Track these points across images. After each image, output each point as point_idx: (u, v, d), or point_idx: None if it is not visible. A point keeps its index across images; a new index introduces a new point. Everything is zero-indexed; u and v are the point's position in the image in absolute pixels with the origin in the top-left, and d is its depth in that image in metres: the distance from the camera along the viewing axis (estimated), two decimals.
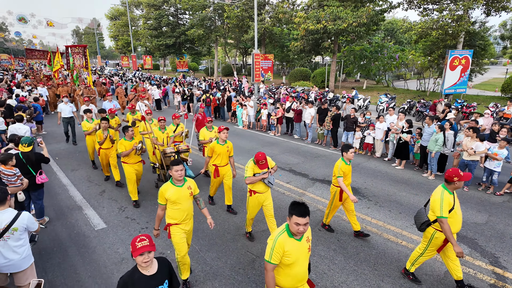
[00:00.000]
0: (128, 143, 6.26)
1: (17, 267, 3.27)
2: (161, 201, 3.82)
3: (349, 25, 21.58)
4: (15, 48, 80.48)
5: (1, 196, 3.12)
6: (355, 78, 37.43)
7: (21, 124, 7.76)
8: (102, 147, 7.30)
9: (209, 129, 7.41)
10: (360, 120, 10.50)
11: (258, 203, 4.92)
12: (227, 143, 5.94)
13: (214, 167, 5.98)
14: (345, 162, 5.01)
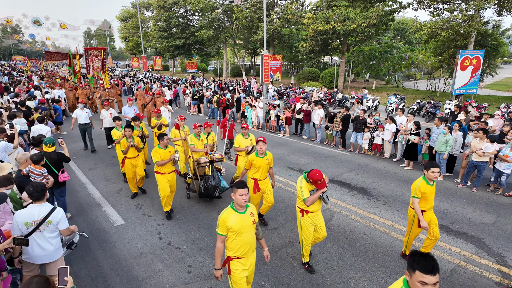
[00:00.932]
0: (163, 151, 5.86)
1: (50, 258, 3.55)
2: (222, 231, 3.26)
3: (358, 26, 21.62)
4: (29, 50, 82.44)
5: (41, 192, 3.41)
6: (364, 79, 37.31)
7: (42, 125, 8.13)
8: (127, 156, 6.73)
9: (245, 136, 6.97)
10: (369, 121, 10.61)
11: (312, 224, 4.39)
12: (267, 155, 5.41)
13: (253, 181, 5.45)
14: (426, 181, 4.42)
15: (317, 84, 27.64)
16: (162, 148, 5.90)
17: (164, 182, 5.92)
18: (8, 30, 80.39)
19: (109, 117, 10.13)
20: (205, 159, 6.47)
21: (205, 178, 6.32)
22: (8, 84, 20.55)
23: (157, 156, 5.81)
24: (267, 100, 21.25)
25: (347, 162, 9.80)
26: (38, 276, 2.29)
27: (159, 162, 5.77)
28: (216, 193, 6.36)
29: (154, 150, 5.83)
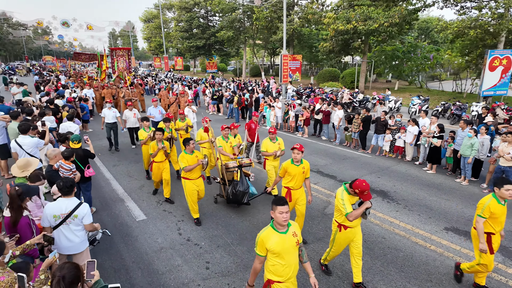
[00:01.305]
0: (189, 157, 5.64)
1: (77, 249, 3.75)
2: (261, 251, 2.98)
3: (381, 25, 21.18)
4: (58, 50, 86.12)
5: (70, 188, 3.61)
6: (386, 79, 36.48)
7: (71, 123, 8.51)
8: (155, 160, 6.59)
9: (273, 140, 6.67)
10: (390, 122, 10.40)
11: (347, 239, 4.12)
12: (303, 163, 5.06)
13: (286, 190, 5.16)
14: (497, 200, 3.90)
15: (337, 84, 27.31)
16: (189, 153, 5.66)
17: (192, 189, 5.75)
18: (39, 32, 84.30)
19: (133, 117, 10.22)
20: (234, 164, 6.23)
21: (234, 183, 6.11)
22: (39, 83, 21.55)
23: (184, 162, 5.58)
24: (285, 100, 21.21)
25: (367, 164, 9.65)
26: (70, 262, 2.44)
27: (187, 168, 5.53)
28: (244, 199, 6.11)
29: (181, 156, 5.64)
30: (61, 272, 2.30)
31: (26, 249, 3.11)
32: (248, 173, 6.47)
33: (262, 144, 6.78)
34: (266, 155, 6.64)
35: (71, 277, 2.30)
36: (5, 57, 74.59)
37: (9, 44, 75.04)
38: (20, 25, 72.02)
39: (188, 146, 5.65)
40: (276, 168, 6.78)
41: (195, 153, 5.76)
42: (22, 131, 6.23)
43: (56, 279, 2.27)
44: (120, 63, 17.39)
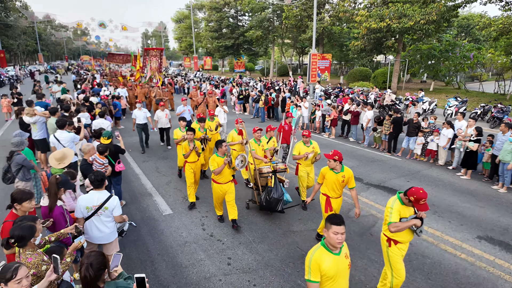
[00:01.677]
0: (220, 160, 5.37)
1: (106, 239, 3.96)
2: (315, 277, 2.63)
3: (416, 23, 20.29)
4: (95, 50, 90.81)
5: (101, 181, 3.83)
6: (421, 79, 34.89)
7: (103, 119, 8.94)
8: (188, 161, 6.44)
9: (307, 143, 6.31)
10: (424, 125, 9.96)
11: (401, 255, 3.77)
12: (345, 171, 4.63)
13: (325, 198, 4.85)
14: None
15: (368, 84, 26.53)
16: (220, 156, 5.43)
17: (218, 192, 5.57)
18: (78, 33, 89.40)
19: (165, 117, 10.30)
20: (268, 169, 5.92)
21: (267, 190, 5.79)
22: (76, 82, 22.86)
23: (214, 165, 5.35)
24: (313, 100, 20.94)
25: (396, 167, 9.31)
26: (95, 251, 2.60)
27: (216, 170, 5.29)
28: (278, 207, 5.76)
29: (211, 158, 5.39)
30: (89, 259, 2.46)
31: (60, 237, 3.33)
32: (282, 179, 6.18)
33: (294, 147, 6.43)
34: (297, 158, 6.23)
35: (98, 263, 2.46)
36: (48, 57, 79.90)
37: (51, 45, 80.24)
38: (61, 26, 76.83)
39: (220, 149, 5.42)
40: (309, 174, 6.41)
41: (226, 156, 5.49)
42: (60, 126, 6.64)
43: (84, 266, 2.42)
44: (153, 63, 17.47)
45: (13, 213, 3.44)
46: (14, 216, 3.39)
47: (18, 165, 5.39)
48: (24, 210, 3.45)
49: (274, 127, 7.02)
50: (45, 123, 8.31)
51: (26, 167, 5.47)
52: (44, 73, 43.08)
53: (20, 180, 5.47)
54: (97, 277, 2.44)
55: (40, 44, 61.50)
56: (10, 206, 3.49)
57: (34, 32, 60.07)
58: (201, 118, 7.83)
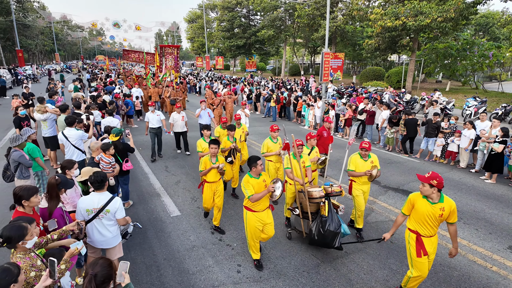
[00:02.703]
0: (256, 182, 4.27)
1: (109, 244, 3.73)
2: None
3: (433, 21, 19.59)
4: (109, 50, 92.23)
5: (101, 183, 3.60)
6: (436, 79, 33.93)
7: (112, 118, 8.81)
8: (208, 180, 5.28)
9: (364, 157, 5.17)
10: (444, 125, 9.48)
11: None
12: (445, 202, 3.53)
13: (415, 237, 3.68)
14: None
15: (382, 83, 25.88)
16: (255, 177, 4.33)
17: (255, 225, 4.34)
18: (94, 33, 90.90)
19: (181, 120, 9.38)
20: (320, 193, 4.71)
21: (321, 220, 4.55)
22: (89, 80, 23.06)
23: (250, 189, 4.18)
24: (325, 99, 20.49)
25: (414, 169, 8.87)
26: (103, 258, 2.37)
27: (254, 197, 4.13)
28: (335, 242, 4.49)
29: (245, 180, 4.27)
30: (94, 269, 2.23)
31: (62, 234, 3.13)
32: (337, 205, 4.98)
33: (350, 161, 5.31)
34: (355, 175, 5.18)
35: (103, 276, 2.24)
36: (64, 57, 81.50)
37: (67, 45, 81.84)
38: (77, 27, 78.22)
39: (255, 168, 4.29)
40: (365, 194, 5.35)
41: (262, 176, 4.39)
42: (68, 124, 6.50)
43: (88, 277, 2.20)
44: (168, 61, 16.76)
45: (19, 211, 3.24)
46: (21, 214, 3.21)
47: (15, 162, 5.24)
48: (32, 206, 3.28)
49: (314, 135, 5.96)
50: (55, 121, 8.22)
51: (23, 164, 5.31)
52: (60, 72, 43.87)
53: (18, 178, 5.32)
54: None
55: (57, 44, 62.76)
56: (14, 206, 3.30)
57: (51, 32, 61.29)
58: (230, 126, 6.68)
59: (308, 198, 4.76)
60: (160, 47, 16.90)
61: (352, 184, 5.32)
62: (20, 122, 8.05)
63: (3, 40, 46.66)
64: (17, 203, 3.23)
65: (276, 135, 6.31)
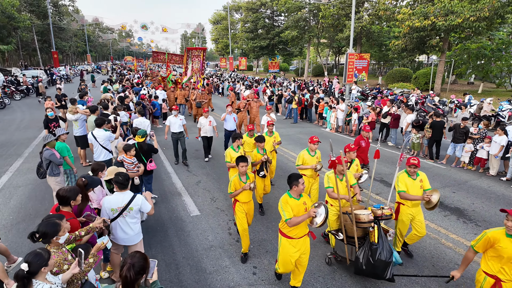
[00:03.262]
0: (295, 203, 3.70)
1: (131, 241, 3.93)
2: None
3: (465, 20, 18.75)
4: (137, 51, 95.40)
5: (125, 183, 3.81)
6: (468, 80, 32.38)
7: (143, 118, 9.14)
8: (240, 200, 4.71)
9: (412, 175, 4.56)
10: (473, 130, 9.09)
11: None
12: None
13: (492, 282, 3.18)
14: None
15: (408, 85, 25.08)
16: (295, 197, 3.75)
17: (290, 253, 3.81)
18: (123, 35, 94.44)
19: (208, 125, 9.08)
20: (369, 216, 4.14)
21: (371, 248, 4.03)
22: (114, 81, 23.99)
23: (288, 211, 3.63)
24: (349, 101, 20.17)
25: (440, 176, 8.57)
26: (140, 252, 2.55)
27: (293, 221, 3.59)
28: (387, 273, 3.99)
29: (283, 201, 3.71)
30: (132, 260, 2.41)
31: (90, 231, 3.33)
32: (387, 229, 4.45)
33: (398, 180, 4.66)
34: (409, 198, 4.48)
35: (139, 266, 2.39)
36: (95, 58, 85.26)
37: (98, 46, 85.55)
38: (108, 29, 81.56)
39: (296, 187, 3.71)
40: (415, 218, 4.66)
41: (303, 198, 3.83)
42: (98, 125, 6.85)
43: (127, 265, 2.37)
44: (195, 64, 16.28)
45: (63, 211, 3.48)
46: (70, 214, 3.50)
47: (47, 160, 5.61)
48: (77, 204, 3.57)
49: (353, 147, 5.27)
50: (85, 121, 8.67)
51: (54, 162, 5.66)
52: (91, 72, 45.98)
53: (49, 175, 5.69)
54: (136, 280, 2.39)
55: (88, 46, 65.85)
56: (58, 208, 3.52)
57: (83, 34, 64.39)
58: (259, 137, 6.12)
59: (356, 222, 4.20)
60: (187, 49, 16.69)
61: (400, 207, 4.68)
62: (48, 124, 8.47)
63: (40, 42, 49.55)
64: (64, 204, 3.48)
65: (315, 147, 5.68)
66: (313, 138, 5.67)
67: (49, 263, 2.52)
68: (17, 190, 7.16)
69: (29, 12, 46.74)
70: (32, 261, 2.41)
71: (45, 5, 43.45)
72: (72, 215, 3.53)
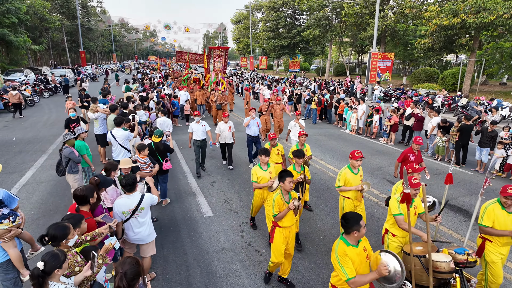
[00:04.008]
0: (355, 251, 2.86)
1: (142, 240, 3.96)
2: None
3: (498, 17, 17.72)
4: (161, 51, 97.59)
5: (132, 185, 3.83)
6: (500, 81, 30.69)
7: (165, 117, 9.24)
8: (281, 225, 3.89)
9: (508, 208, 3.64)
10: (504, 135, 8.54)
11: None
12: None
13: None
14: None
15: (434, 86, 24.06)
16: (353, 244, 2.87)
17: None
18: (147, 35, 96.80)
19: (228, 131, 8.49)
20: (450, 264, 3.23)
21: None
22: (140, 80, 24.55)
23: (350, 267, 2.77)
24: (371, 102, 19.61)
25: (466, 182, 8.11)
26: (131, 257, 2.53)
27: (357, 282, 2.75)
28: None
29: (340, 253, 2.79)
30: (123, 268, 2.39)
31: (95, 236, 3.35)
32: (468, 278, 3.51)
33: (484, 212, 3.76)
34: (497, 234, 3.66)
35: (132, 273, 2.38)
36: (120, 57, 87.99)
37: (124, 46, 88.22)
38: (133, 29, 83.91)
39: (357, 233, 2.83)
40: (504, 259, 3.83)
41: (363, 242, 2.95)
42: (117, 124, 6.97)
43: (119, 275, 2.36)
44: (217, 64, 15.81)
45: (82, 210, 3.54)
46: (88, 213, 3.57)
47: (66, 158, 5.75)
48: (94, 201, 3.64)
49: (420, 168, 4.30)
50: (105, 119, 8.88)
51: (72, 160, 5.79)
52: (115, 71, 47.43)
53: (68, 172, 5.84)
54: (132, 286, 2.38)
55: (114, 45, 67.97)
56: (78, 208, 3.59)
57: (110, 34, 66.57)
58: (298, 152, 5.03)
59: (435, 271, 3.19)
60: (209, 49, 16.31)
61: (486, 244, 3.79)
62: (69, 124, 8.61)
63: (69, 42, 51.66)
64: (82, 203, 3.53)
65: (358, 164, 4.73)
66: (355, 153, 4.70)
67: (64, 266, 2.53)
68: (40, 186, 7.43)
69: (59, 14, 48.84)
70: (48, 261, 2.44)
71: (75, 6, 45.22)
72: (89, 215, 3.58)
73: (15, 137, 11.78)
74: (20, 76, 23.58)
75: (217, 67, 15.78)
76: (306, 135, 6.26)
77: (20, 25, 29.92)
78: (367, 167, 9.21)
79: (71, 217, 3.17)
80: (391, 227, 3.88)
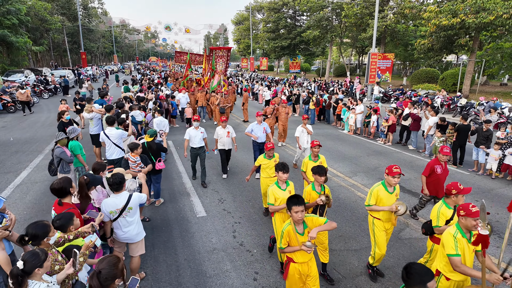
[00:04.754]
0: None
1: (131, 239, 3.94)
2: None
3: (498, 18, 17.66)
4: (162, 52, 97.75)
5: (119, 184, 3.80)
6: (501, 81, 30.59)
7: (162, 118, 9.22)
8: (295, 260, 3.26)
9: None
10: (500, 135, 8.49)
11: None
12: None
13: None
14: None
15: (434, 86, 24.00)
16: None
17: None
18: (148, 36, 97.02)
19: (226, 136, 7.90)
20: None
21: None
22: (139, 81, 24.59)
23: None
24: (370, 102, 19.56)
25: (463, 183, 7.87)
26: (112, 256, 2.49)
27: None
28: None
29: None
30: (99, 266, 2.34)
31: (78, 235, 3.32)
32: None
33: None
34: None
35: (106, 274, 2.33)
36: (121, 58, 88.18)
37: (125, 47, 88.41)
38: (134, 30, 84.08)
39: None
40: None
41: None
42: (109, 123, 6.96)
43: (91, 273, 2.30)
44: (219, 65, 15.37)
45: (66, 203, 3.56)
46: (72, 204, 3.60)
47: (58, 158, 5.74)
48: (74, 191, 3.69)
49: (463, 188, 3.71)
50: (100, 120, 8.87)
51: (64, 160, 5.78)
52: (116, 72, 47.53)
53: (59, 172, 5.83)
54: (105, 287, 2.32)
55: (115, 46, 68.12)
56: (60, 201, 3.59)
57: (111, 35, 66.74)
58: (319, 168, 4.25)
59: None
60: (211, 49, 15.73)
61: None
62: (63, 128, 8.52)
63: (70, 44, 51.82)
64: (63, 195, 3.54)
65: (395, 182, 4.04)
66: (392, 169, 4.00)
67: (45, 265, 2.49)
68: (34, 186, 7.43)
69: (60, 15, 48.99)
70: (27, 260, 2.40)
71: (76, 7, 45.37)
72: (73, 206, 3.58)
73: (12, 137, 11.79)
74: (20, 77, 23.65)
75: (219, 68, 15.42)
76: (319, 146, 5.47)
77: (20, 26, 30.04)
78: (364, 167, 9.18)
79: (62, 217, 3.15)
80: (446, 269, 3.12)
